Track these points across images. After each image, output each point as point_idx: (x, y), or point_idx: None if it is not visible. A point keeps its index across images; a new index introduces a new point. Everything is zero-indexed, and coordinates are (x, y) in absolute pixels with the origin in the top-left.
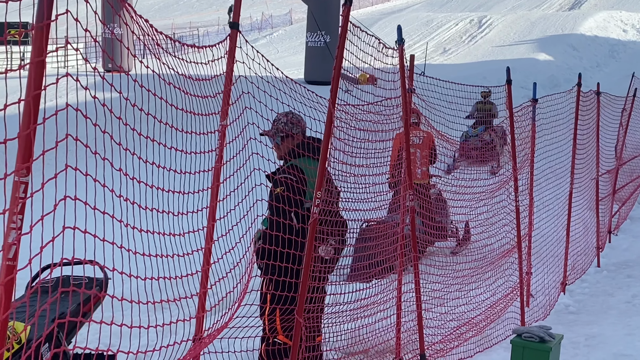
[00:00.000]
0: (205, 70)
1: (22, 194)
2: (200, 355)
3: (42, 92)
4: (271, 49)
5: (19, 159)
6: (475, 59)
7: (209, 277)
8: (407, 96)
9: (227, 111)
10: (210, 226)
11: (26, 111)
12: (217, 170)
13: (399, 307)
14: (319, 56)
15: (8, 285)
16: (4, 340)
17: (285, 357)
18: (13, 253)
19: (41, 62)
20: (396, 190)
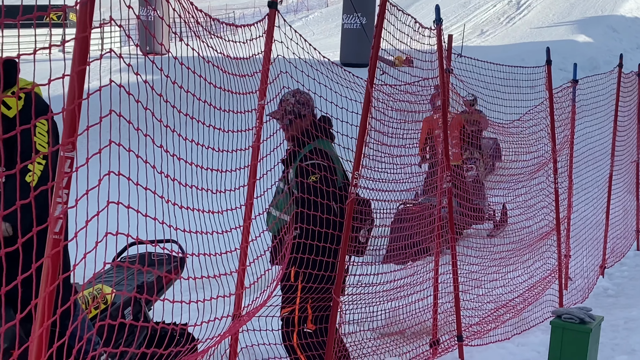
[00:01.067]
0: (244, 50)
1: (67, 169)
2: (239, 332)
3: (87, 68)
4: (307, 32)
5: (64, 134)
6: (513, 41)
7: (248, 254)
8: (445, 76)
9: (265, 90)
10: (248, 204)
11: (71, 87)
12: (256, 149)
13: (435, 289)
14: (355, 38)
15: (54, 258)
16: (50, 309)
17: (315, 347)
18: (59, 227)
19: (85, 37)
20: (432, 172)
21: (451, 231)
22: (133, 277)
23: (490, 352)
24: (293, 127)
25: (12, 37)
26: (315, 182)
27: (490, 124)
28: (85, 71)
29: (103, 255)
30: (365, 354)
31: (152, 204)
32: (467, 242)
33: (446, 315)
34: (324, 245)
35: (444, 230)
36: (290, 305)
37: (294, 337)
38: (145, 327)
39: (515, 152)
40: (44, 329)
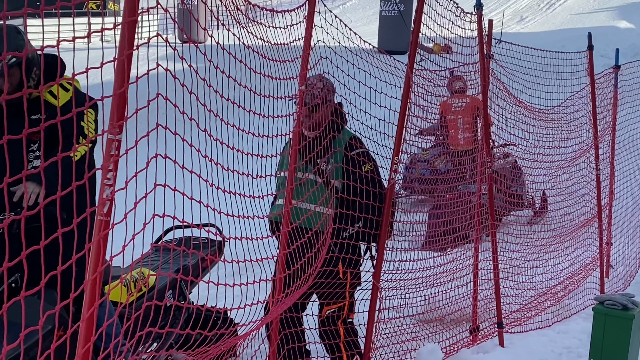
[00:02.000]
0: (284, 36)
1: (115, 152)
2: (279, 316)
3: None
4: (344, 19)
5: (112, 117)
6: (553, 27)
7: (288, 239)
8: (485, 62)
9: (305, 76)
10: (289, 189)
11: (119, 70)
12: (296, 134)
13: (475, 275)
14: (393, 25)
15: (103, 240)
16: (98, 291)
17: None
18: (107, 209)
19: (133, 22)
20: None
21: (491, 218)
22: (174, 260)
23: (531, 339)
24: (318, 115)
25: (53, 26)
26: (368, 172)
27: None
28: (132, 55)
29: (150, 237)
30: (404, 341)
31: (197, 187)
32: (507, 228)
33: (486, 302)
34: (377, 232)
35: (483, 217)
36: (340, 300)
37: (339, 322)
38: (186, 310)
39: (556, 138)
40: (93, 310)
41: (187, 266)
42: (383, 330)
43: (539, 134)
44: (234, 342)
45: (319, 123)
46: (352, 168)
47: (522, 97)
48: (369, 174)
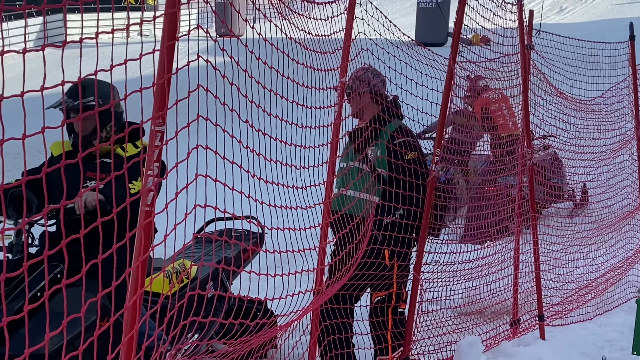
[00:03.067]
0: (324, 27)
1: (157, 142)
2: (320, 307)
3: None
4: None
5: (154, 108)
6: (593, 18)
7: (329, 230)
8: (526, 53)
9: (346, 67)
10: (329, 181)
11: (161, 61)
12: (336, 127)
13: (516, 268)
14: (430, 17)
15: (146, 229)
16: (143, 279)
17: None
18: (150, 198)
19: (174, 13)
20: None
21: (532, 210)
22: (216, 251)
23: (572, 333)
24: (363, 104)
25: (92, 21)
26: (410, 162)
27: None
28: (174, 46)
29: (192, 227)
30: (444, 333)
31: (239, 178)
32: (547, 221)
33: (527, 295)
34: (417, 224)
35: (523, 209)
36: (388, 288)
37: (389, 313)
38: (227, 301)
39: (597, 129)
40: (138, 297)
41: (229, 257)
42: (423, 323)
43: (580, 125)
44: (275, 332)
45: (362, 112)
46: (393, 159)
47: (562, 88)
48: (410, 164)
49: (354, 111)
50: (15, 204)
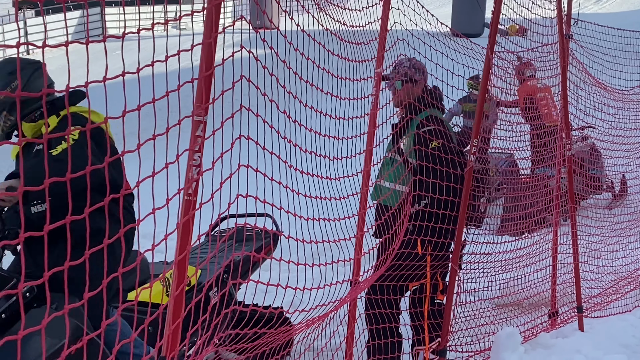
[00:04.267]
0: (359, 18)
1: (200, 133)
2: (357, 297)
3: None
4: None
5: (198, 99)
6: (632, 7)
7: (365, 221)
8: (564, 42)
9: (382, 58)
10: (366, 171)
11: (205, 53)
12: (373, 116)
13: (554, 259)
14: (467, 8)
15: (191, 220)
16: (185, 273)
17: (440, 317)
18: (193, 189)
19: (217, 5)
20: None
21: (571, 201)
22: (225, 252)
23: (611, 324)
24: (402, 92)
25: (131, 14)
26: (435, 149)
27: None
28: (217, 38)
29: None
30: (482, 324)
31: (277, 168)
32: (586, 212)
33: (565, 287)
34: (449, 213)
35: (562, 200)
36: (422, 278)
37: (425, 304)
38: (229, 310)
39: (636, 119)
40: (182, 287)
41: (236, 261)
42: (461, 314)
43: (619, 116)
44: (313, 322)
45: (400, 101)
46: (418, 146)
47: (601, 78)
48: (435, 151)
49: (394, 100)
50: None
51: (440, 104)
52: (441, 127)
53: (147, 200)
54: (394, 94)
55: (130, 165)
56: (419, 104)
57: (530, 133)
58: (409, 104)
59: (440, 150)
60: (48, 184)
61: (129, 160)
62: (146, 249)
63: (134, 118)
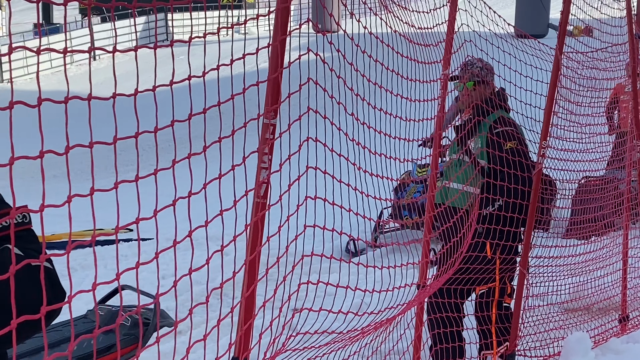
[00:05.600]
0: (426, 20)
1: (270, 135)
2: (424, 302)
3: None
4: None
5: (267, 101)
6: None
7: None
8: (634, 42)
9: (449, 60)
10: (433, 174)
11: (273, 55)
12: (439, 120)
13: (624, 263)
14: (530, 9)
15: (261, 221)
16: (255, 273)
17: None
18: (263, 191)
19: (286, 8)
20: (620, 142)
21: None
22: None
23: None
24: (474, 94)
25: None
26: (508, 152)
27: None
28: (285, 41)
29: (302, 219)
30: (551, 329)
31: (345, 170)
32: None
33: (636, 291)
34: (521, 217)
35: (632, 203)
36: (490, 282)
37: (493, 307)
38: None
39: None
40: (253, 288)
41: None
42: (529, 318)
43: None
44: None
45: (467, 102)
46: (491, 150)
47: None
48: (508, 154)
49: (462, 101)
50: None
51: (507, 105)
52: (513, 129)
53: (215, 202)
54: (462, 96)
55: (198, 168)
56: (487, 106)
57: (610, 133)
58: (478, 106)
59: (514, 153)
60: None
61: (196, 163)
62: (215, 250)
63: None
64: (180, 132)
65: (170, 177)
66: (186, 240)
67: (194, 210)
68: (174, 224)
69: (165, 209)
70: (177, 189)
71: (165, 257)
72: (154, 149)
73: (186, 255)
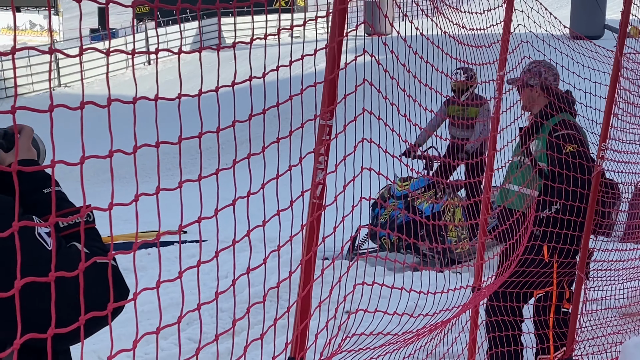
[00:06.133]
0: (480, 20)
1: (326, 136)
2: (479, 305)
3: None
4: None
5: (323, 102)
6: None
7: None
8: None
9: (504, 61)
10: (488, 175)
11: (330, 57)
12: (495, 120)
13: None
14: (586, 10)
15: (317, 221)
16: (311, 273)
17: (565, 326)
18: (319, 192)
19: (343, 10)
20: None
21: None
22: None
23: None
24: (538, 98)
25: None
26: (569, 155)
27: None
28: (341, 43)
29: (358, 219)
30: (608, 334)
31: (399, 171)
32: None
33: None
34: (580, 220)
35: None
36: (548, 286)
37: (550, 312)
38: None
39: None
40: (309, 287)
41: None
42: (586, 323)
43: None
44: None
45: (531, 105)
46: (550, 152)
47: None
48: (568, 157)
49: (524, 104)
50: None
51: (573, 108)
52: (575, 132)
53: (271, 202)
54: (523, 98)
55: (256, 169)
56: (549, 109)
57: None
58: (542, 109)
59: (574, 156)
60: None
61: (254, 164)
62: (272, 250)
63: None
64: (239, 133)
65: (226, 178)
66: (243, 240)
67: (250, 210)
68: (234, 223)
69: (225, 208)
70: (236, 190)
71: (223, 256)
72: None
73: (240, 256)
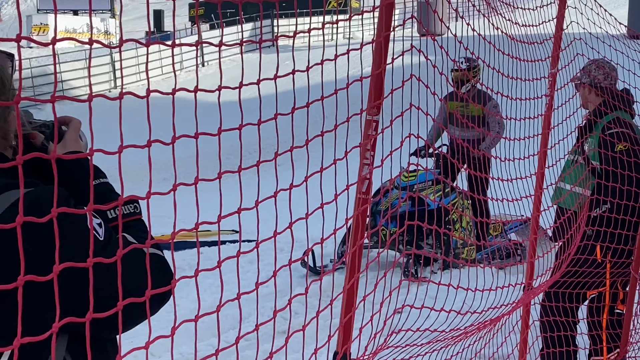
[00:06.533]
0: (532, 17)
1: (372, 132)
2: (531, 303)
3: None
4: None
5: (370, 97)
6: None
7: (540, 224)
8: None
9: (557, 57)
10: (539, 173)
11: (377, 51)
12: (547, 118)
13: None
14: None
15: (362, 216)
16: (356, 266)
17: (619, 327)
18: (366, 187)
19: (390, 5)
20: None
21: None
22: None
23: None
24: (594, 97)
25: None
26: (621, 153)
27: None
28: (389, 37)
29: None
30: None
31: (447, 168)
32: None
33: None
34: (634, 219)
35: None
36: (601, 286)
37: (604, 313)
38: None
39: None
40: (354, 280)
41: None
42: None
43: None
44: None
45: (583, 102)
46: (603, 150)
47: None
48: (622, 155)
49: (582, 102)
50: None
51: (631, 108)
52: (629, 130)
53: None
54: (581, 96)
55: (299, 161)
56: (604, 107)
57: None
58: (596, 107)
59: (627, 154)
60: None
61: (297, 157)
62: (315, 242)
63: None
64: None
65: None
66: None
67: (293, 203)
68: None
69: (266, 200)
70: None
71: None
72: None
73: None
